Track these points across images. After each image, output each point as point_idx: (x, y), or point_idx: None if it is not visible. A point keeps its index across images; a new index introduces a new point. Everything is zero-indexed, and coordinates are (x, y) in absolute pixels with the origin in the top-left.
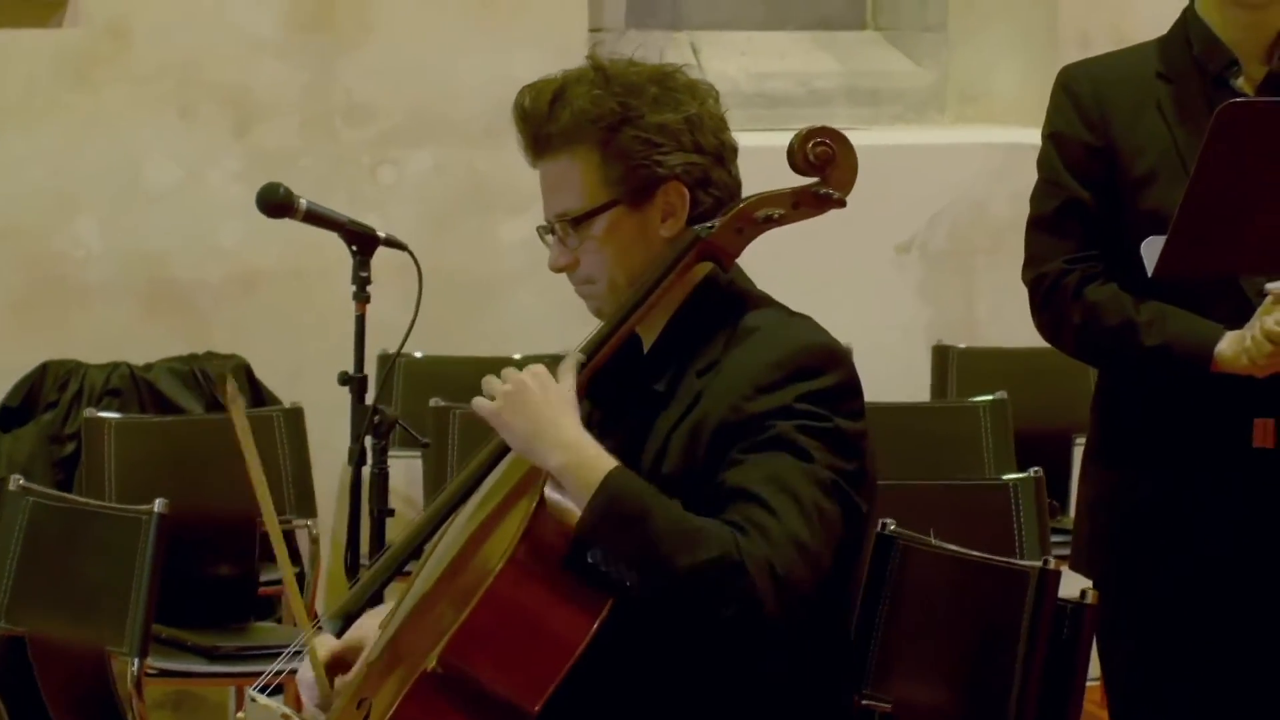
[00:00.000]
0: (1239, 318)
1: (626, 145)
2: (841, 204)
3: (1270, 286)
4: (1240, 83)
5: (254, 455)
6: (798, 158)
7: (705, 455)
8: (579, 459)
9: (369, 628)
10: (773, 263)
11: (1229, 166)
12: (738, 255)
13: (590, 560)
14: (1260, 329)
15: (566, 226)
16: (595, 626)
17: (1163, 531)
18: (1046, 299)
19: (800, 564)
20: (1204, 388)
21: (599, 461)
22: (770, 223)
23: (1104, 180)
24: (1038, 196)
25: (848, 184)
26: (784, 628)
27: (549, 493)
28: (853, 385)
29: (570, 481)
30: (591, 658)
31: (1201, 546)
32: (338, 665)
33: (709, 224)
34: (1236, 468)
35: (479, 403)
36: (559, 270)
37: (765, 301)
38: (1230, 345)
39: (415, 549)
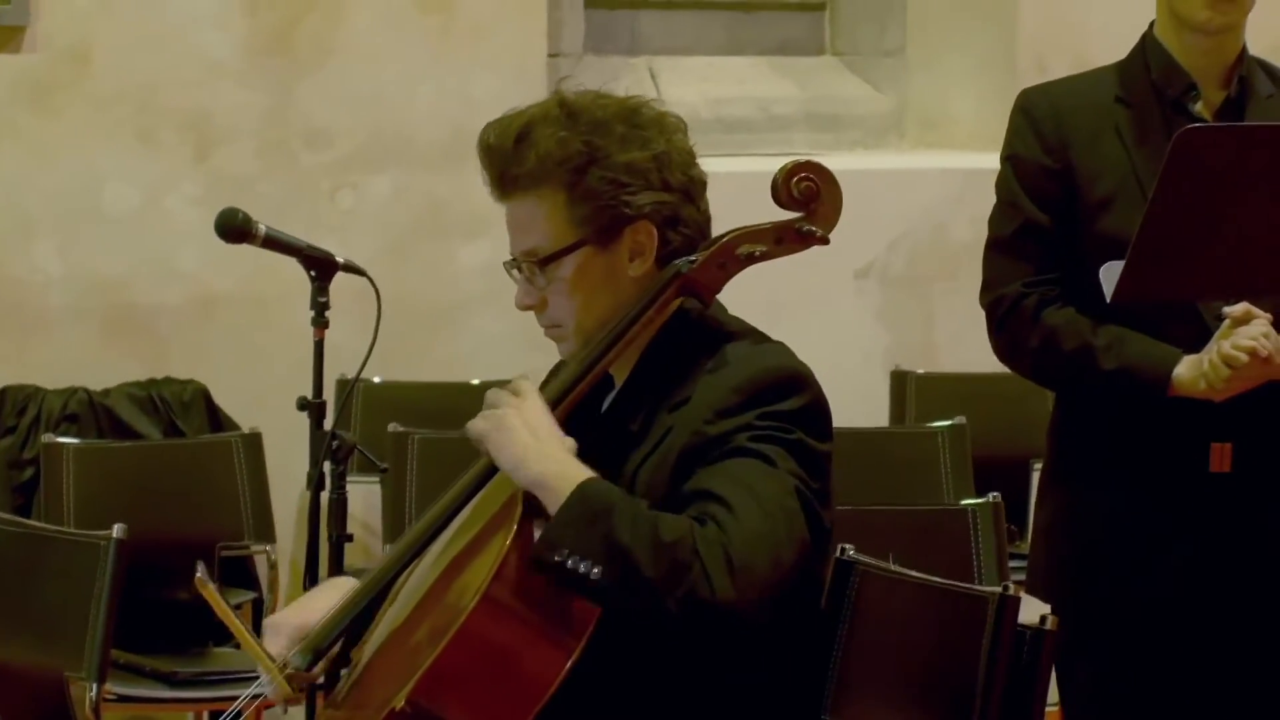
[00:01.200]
0: (1197, 342)
1: (594, 186)
2: (825, 241)
3: (1228, 310)
4: (1199, 108)
5: (241, 631)
6: (781, 192)
7: (669, 481)
8: (559, 470)
9: (317, 608)
10: (732, 287)
11: (1187, 191)
12: (719, 290)
13: (557, 559)
14: (1218, 352)
15: (533, 266)
16: (569, 664)
17: (1119, 556)
18: (1004, 322)
19: (758, 554)
20: (1161, 412)
21: (578, 472)
22: (752, 259)
23: (1062, 203)
24: (995, 219)
25: (832, 221)
26: (745, 620)
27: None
28: (819, 409)
29: (549, 492)
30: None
31: (1158, 571)
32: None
33: (690, 259)
34: (1193, 492)
35: (471, 423)
36: (525, 309)
37: (742, 333)
38: (1188, 369)
39: (387, 583)
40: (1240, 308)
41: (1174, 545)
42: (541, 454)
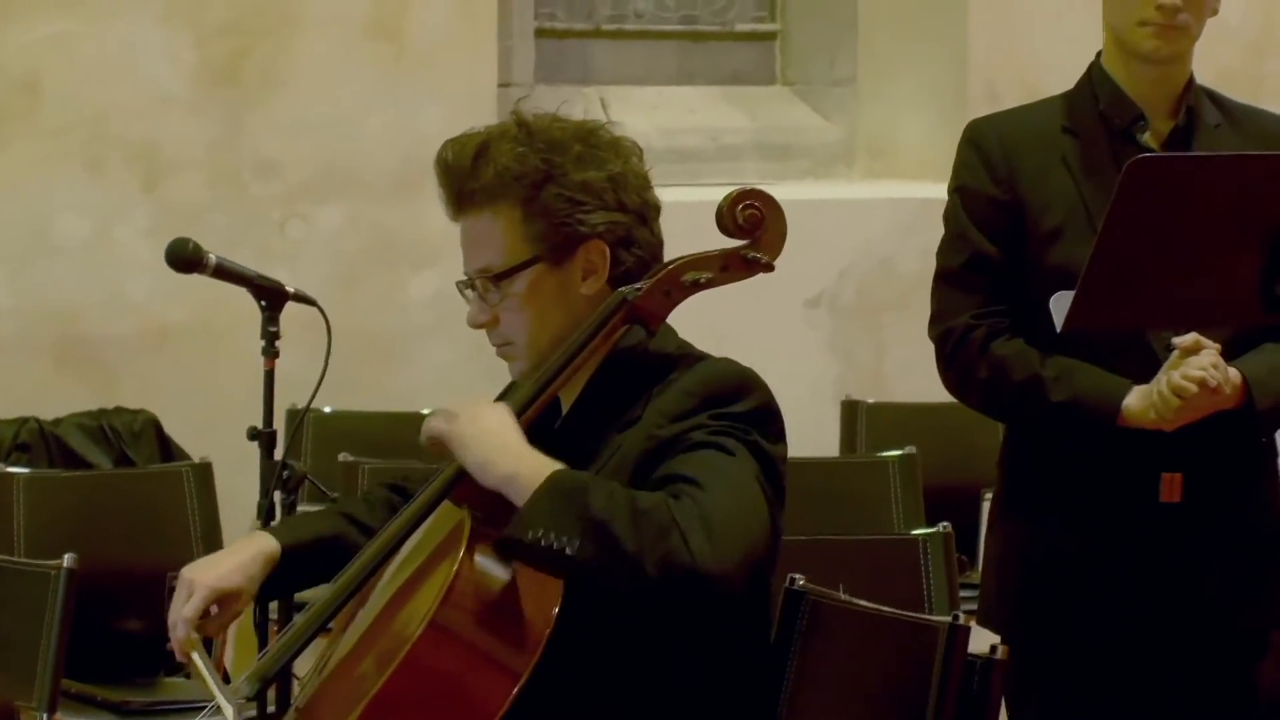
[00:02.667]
0: (1146, 372)
1: (549, 203)
2: (770, 268)
3: (1177, 341)
4: (1146, 137)
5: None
6: (727, 220)
7: (628, 484)
8: (531, 466)
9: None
10: (680, 316)
11: (1138, 221)
12: (665, 317)
13: (532, 536)
14: (1167, 383)
15: (487, 283)
16: (517, 690)
17: (1069, 586)
18: (953, 354)
19: (733, 522)
20: (1111, 443)
21: (547, 465)
22: (698, 286)
23: (1011, 235)
24: (944, 251)
25: (777, 247)
26: (723, 590)
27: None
28: (770, 410)
29: (519, 485)
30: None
31: (1108, 601)
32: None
33: (636, 286)
34: (1143, 522)
35: (432, 423)
36: (478, 327)
37: (688, 357)
38: (1138, 399)
39: (337, 608)
40: (1189, 338)
41: (1124, 575)
42: (511, 451)
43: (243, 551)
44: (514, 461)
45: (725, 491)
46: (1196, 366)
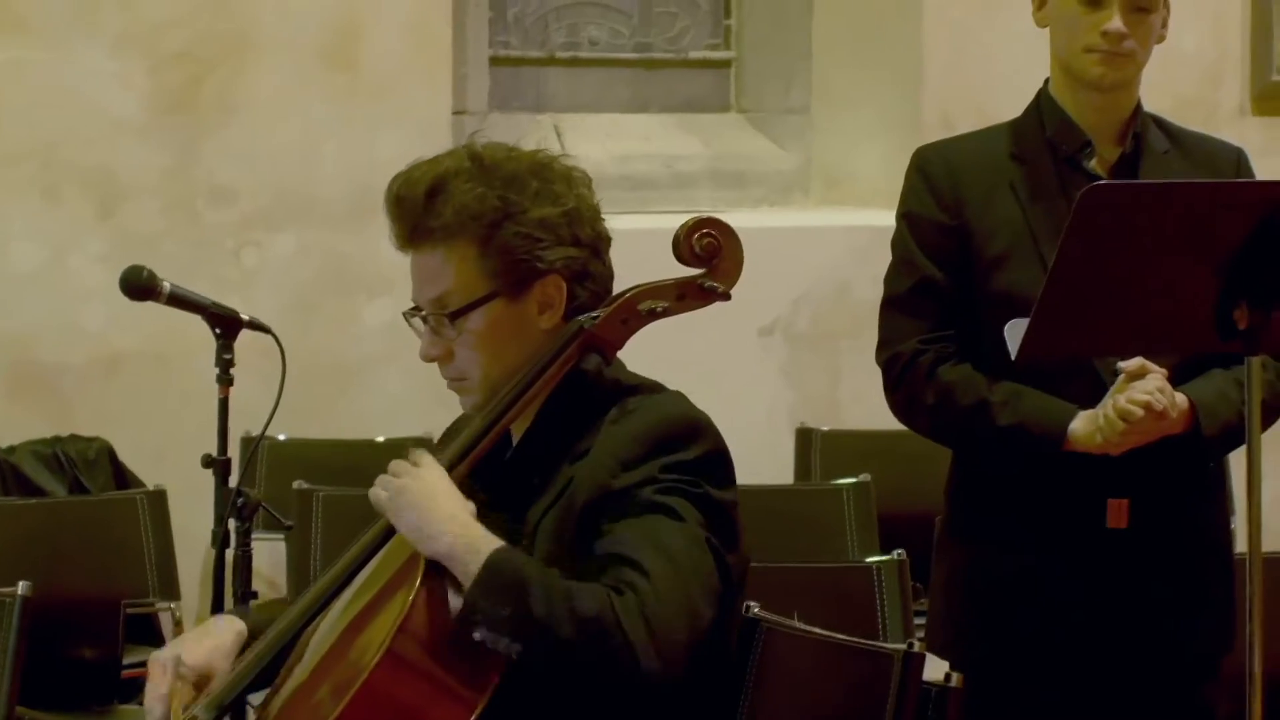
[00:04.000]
0: (1093, 397)
1: (508, 240)
2: (726, 297)
3: (1122, 365)
4: (1093, 164)
5: None
6: (683, 249)
7: (574, 535)
8: (466, 542)
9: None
10: (637, 345)
11: (1092, 249)
12: (621, 346)
13: (477, 637)
14: (1113, 407)
15: (441, 318)
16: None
17: (1017, 612)
18: (900, 379)
19: (677, 618)
20: (1057, 468)
21: (483, 543)
22: (654, 315)
23: (957, 260)
24: (891, 277)
25: (733, 276)
26: (666, 683)
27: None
28: (719, 455)
29: (456, 564)
30: None
31: (1056, 627)
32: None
33: (593, 315)
34: (1090, 548)
35: (372, 493)
36: (430, 360)
37: (640, 387)
38: (1083, 424)
39: (294, 636)
40: (1135, 362)
41: (1071, 601)
42: (443, 526)
43: (221, 635)
44: (447, 537)
45: (671, 578)
46: (1142, 390)
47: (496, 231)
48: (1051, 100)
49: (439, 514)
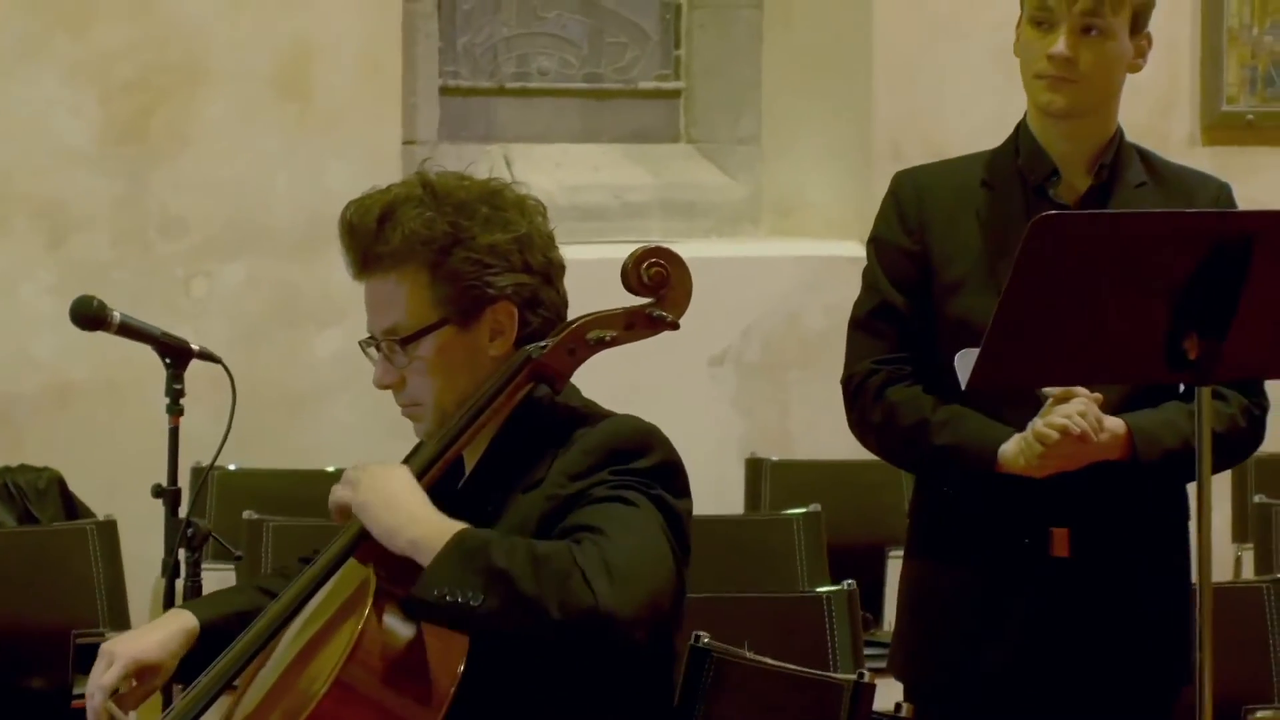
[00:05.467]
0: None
1: (458, 266)
2: (675, 326)
3: (1048, 390)
4: (1059, 192)
5: None
6: (631, 278)
7: None
8: (436, 529)
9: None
10: (587, 374)
11: (1042, 279)
12: (570, 375)
13: (437, 594)
14: (1031, 431)
15: (393, 345)
16: None
17: (962, 636)
18: (854, 399)
19: (636, 566)
20: (1004, 495)
21: (450, 527)
22: (603, 344)
23: (917, 285)
24: (859, 299)
25: (682, 306)
26: (627, 632)
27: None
28: (673, 465)
29: (424, 549)
30: None
31: (998, 654)
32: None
33: (541, 344)
34: (1035, 576)
35: (338, 492)
36: (384, 388)
37: (594, 415)
38: (1013, 445)
39: (243, 665)
40: (1062, 388)
41: (1014, 628)
42: (415, 517)
43: (164, 627)
44: (417, 526)
45: (628, 536)
46: (1061, 414)
47: (446, 257)
48: (1027, 129)
49: (409, 507)
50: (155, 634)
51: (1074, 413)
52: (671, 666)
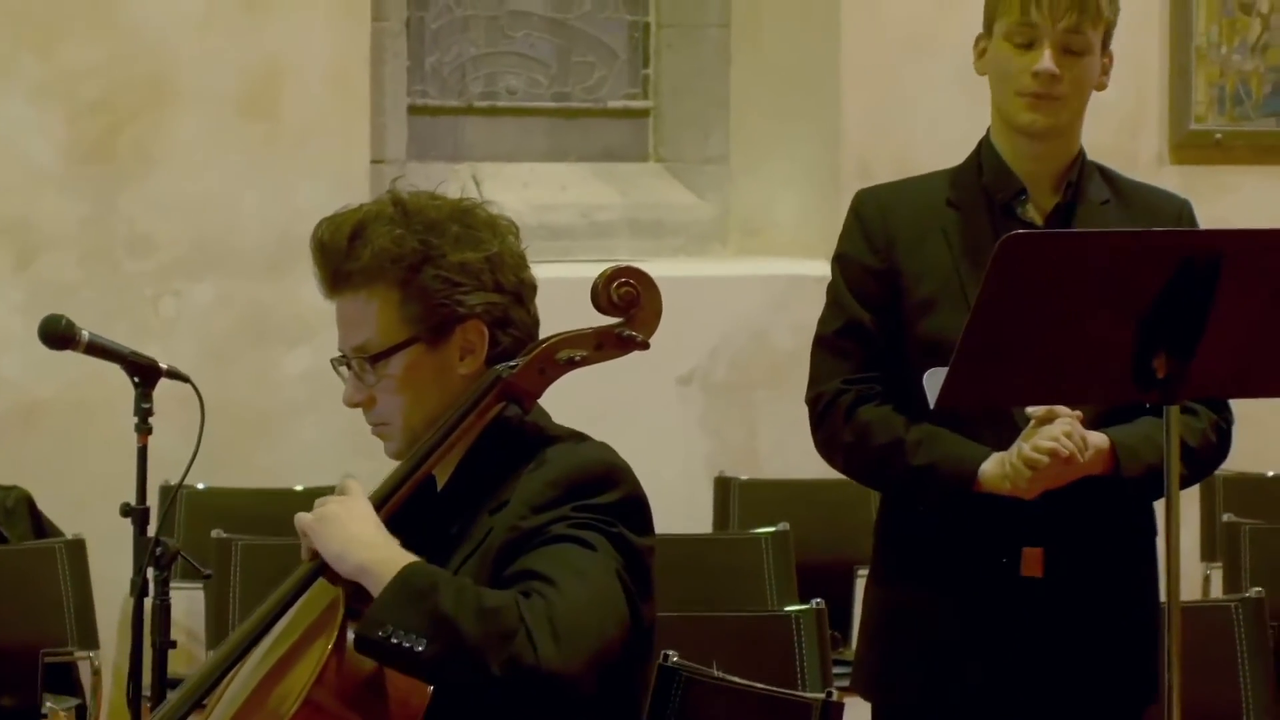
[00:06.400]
0: (1008, 443)
1: (427, 284)
2: (645, 346)
3: (1030, 410)
4: (1027, 211)
5: None
6: (601, 298)
7: (490, 577)
8: (384, 556)
9: None
10: (555, 393)
11: (1010, 299)
12: (539, 395)
13: (382, 635)
14: (1018, 454)
15: (363, 363)
16: None
17: (931, 657)
18: (822, 418)
19: (583, 622)
20: (976, 514)
21: (401, 557)
22: (572, 364)
23: (885, 303)
24: (824, 317)
25: (651, 325)
26: (571, 689)
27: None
28: (636, 502)
29: (372, 576)
30: None
31: (968, 674)
32: None
33: (511, 364)
34: (1005, 596)
35: (299, 516)
36: (354, 406)
37: (561, 436)
38: (994, 466)
39: (212, 684)
40: (1043, 408)
41: (985, 649)
42: (364, 543)
43: None
44: (365, 551)
45: (578, 588)
46: (1048, 437)
47: (416, 275)
48: (991, 147)
49: (359, 531)
50: None
51: (1060, 434)
52: (637, 698)
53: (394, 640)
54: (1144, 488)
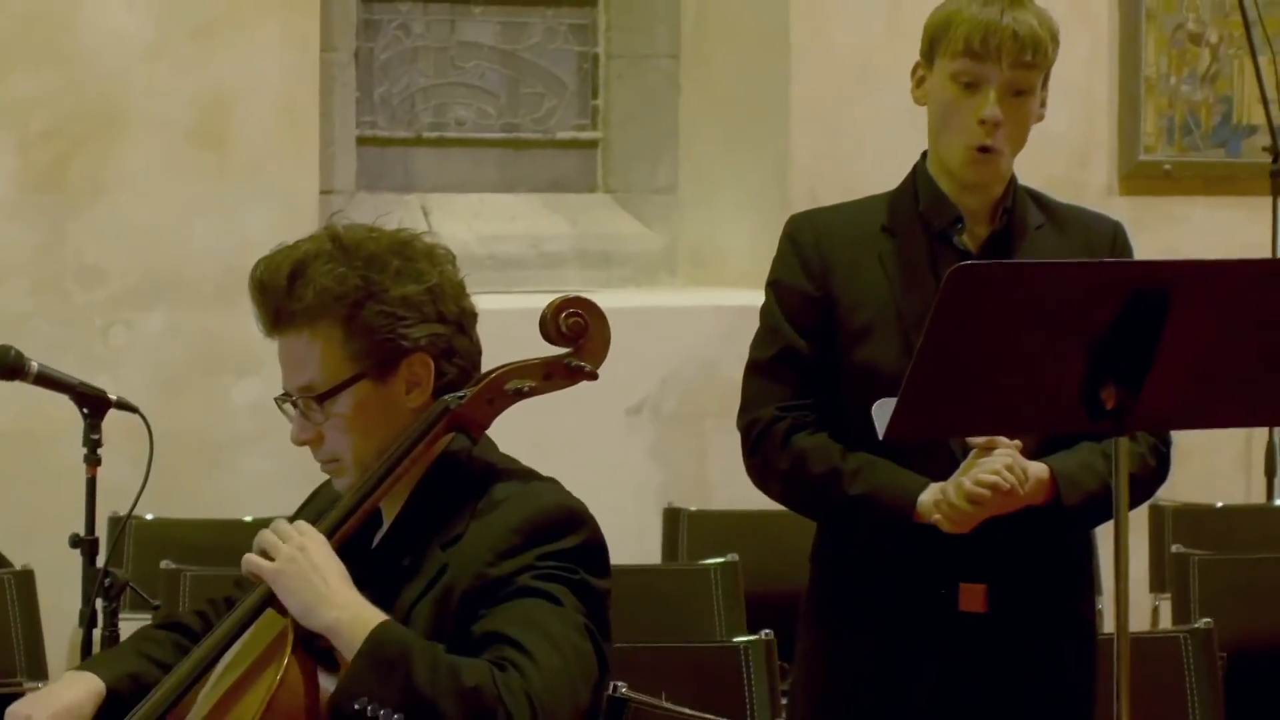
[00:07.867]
0: (947, 473)
1: (371, 320)
2: (593, 376)
3: (972, 441)
4: (963, 239)
5: None
6: (550, 328)
7: (453, 624)
8: (353, 615)
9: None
10: (504, 424)
11: (959, 329)
12: (488, 426)
13: (357, 708)
14: (956, 490)
15: (310, 401)
16: None
17: (869, 692)
18: (756, 445)
19: (559, 697)
20: (915, 548)
21: (369, 616)
22: (521, 395)
23: (821, 330)
24: (756, 342)
25: (600, 355)
26: None
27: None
28: (596, 545)
29: (342, 638)
30: None
31: (906, 710)
32: None
33: (459, 395)
34: (944, 631)
35: (255, 561)
36: (302, 444)
37: (511, 471)
38: (932, 495)
39: (164, 712)
40: (984, 438)
41: (924, 684)
42: (333, 600)
43: (73, 689)
44: (334, 610)
45: (551, 657)
46: (988, 470)
47: (359, 311)
48: (926, 174)
49: (327, 588)
50: (67, 695)
51: (1001, 467)
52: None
53: (369, 714)
54: (1084, 516)
